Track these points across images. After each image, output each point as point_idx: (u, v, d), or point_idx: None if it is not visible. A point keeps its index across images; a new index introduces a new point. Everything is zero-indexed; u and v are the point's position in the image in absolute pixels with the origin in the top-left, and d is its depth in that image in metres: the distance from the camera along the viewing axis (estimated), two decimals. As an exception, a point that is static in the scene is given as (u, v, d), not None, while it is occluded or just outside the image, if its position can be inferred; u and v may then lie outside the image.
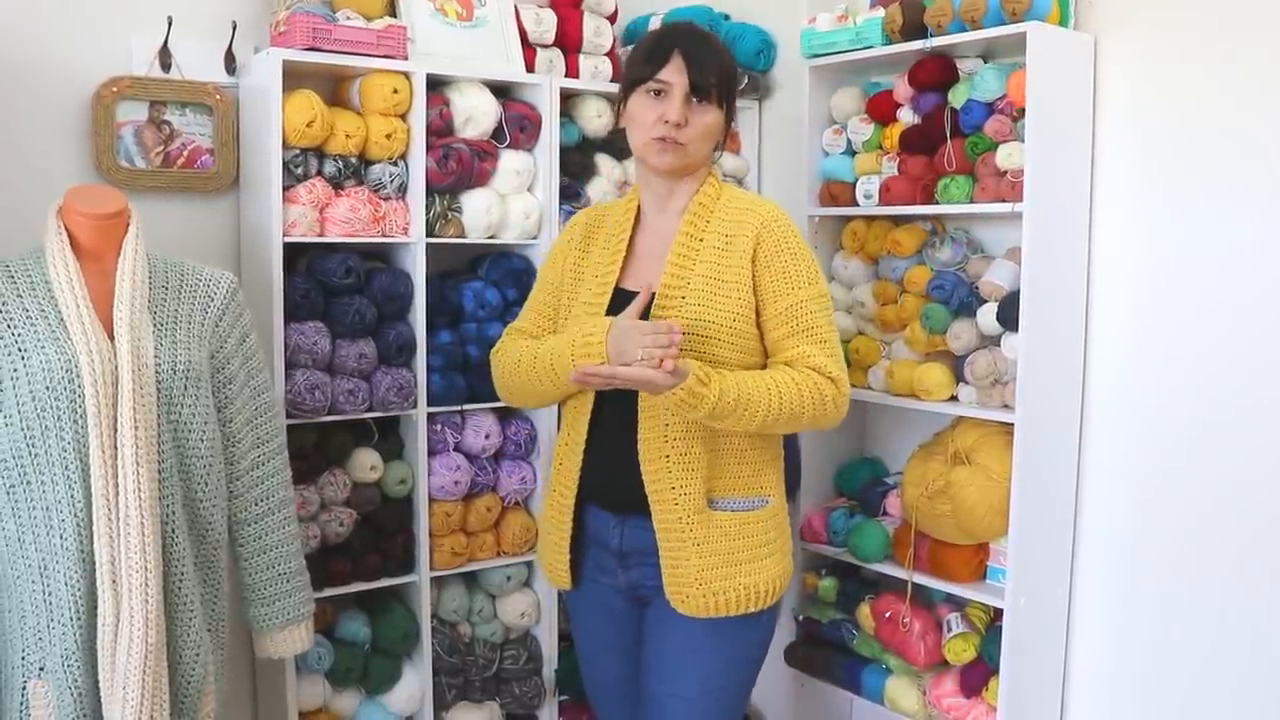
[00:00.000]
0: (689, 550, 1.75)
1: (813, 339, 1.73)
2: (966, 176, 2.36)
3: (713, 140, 1.80)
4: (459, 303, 2.45)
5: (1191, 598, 2.23)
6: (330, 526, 2.30)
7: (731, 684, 1.85)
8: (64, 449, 1.60)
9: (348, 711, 2.40)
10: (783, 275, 1.73)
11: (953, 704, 2.40)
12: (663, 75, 1.73)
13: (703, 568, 1.75)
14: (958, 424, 2.44)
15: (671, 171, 1.78)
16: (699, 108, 1.74)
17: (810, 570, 2.75)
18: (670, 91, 1.72)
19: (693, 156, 1.77)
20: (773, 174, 2.92)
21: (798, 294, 1.73)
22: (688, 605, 1.76)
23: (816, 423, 1.73)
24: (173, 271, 1.79)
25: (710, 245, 1.76)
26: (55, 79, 2.14)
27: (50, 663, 1.61)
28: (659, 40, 1.77)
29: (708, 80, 1.72)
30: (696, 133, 1.74)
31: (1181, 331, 2.22)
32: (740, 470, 1.78)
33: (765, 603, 1.80)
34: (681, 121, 1.72)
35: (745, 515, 1.78)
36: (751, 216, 1.77)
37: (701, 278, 1.74)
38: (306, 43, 2.15)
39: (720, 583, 1.75)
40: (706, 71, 1.72)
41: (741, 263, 1.73)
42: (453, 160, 2.35)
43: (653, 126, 1.74)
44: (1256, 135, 2.09)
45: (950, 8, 2.30)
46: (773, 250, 1.74)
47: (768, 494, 1.82)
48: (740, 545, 1.77)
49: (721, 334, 1.72)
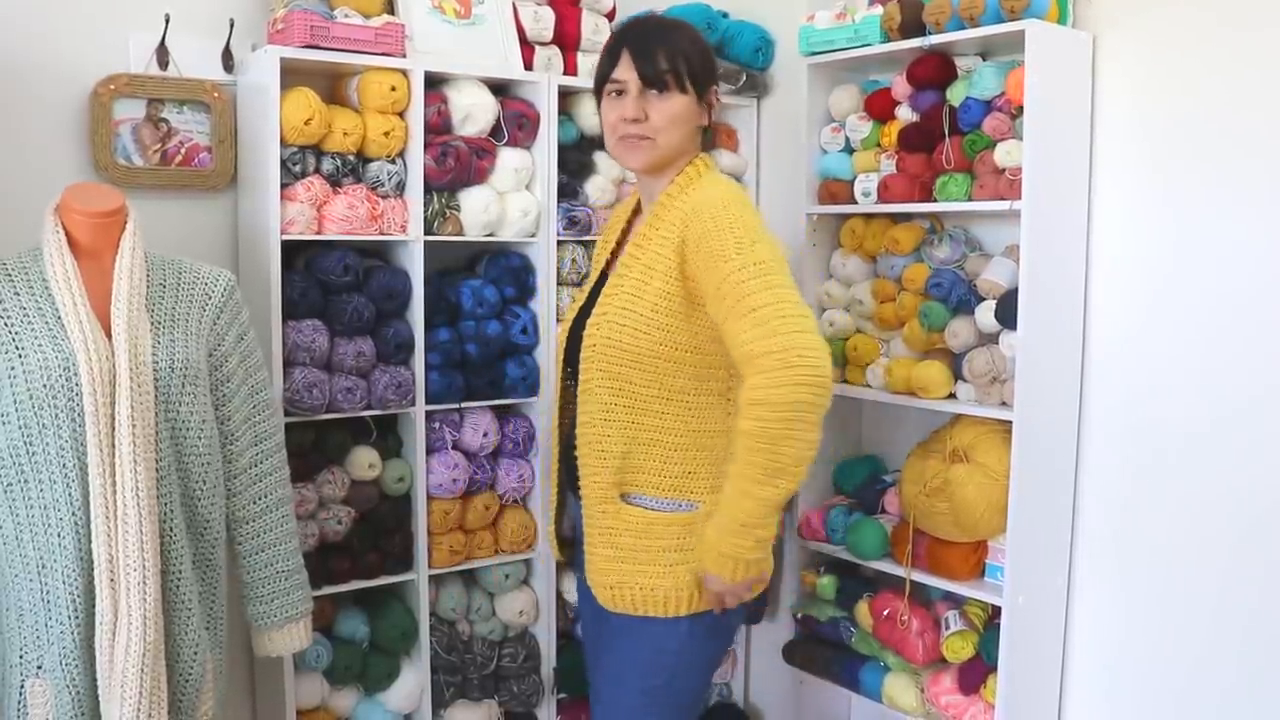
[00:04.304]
0: (596, 539, 1.76)
1: (741, 313, 1.56)
2: (965, 174, 2.36)
3: (684, 126, 1.74)
4: (457, 301, 2.45)
5: (1189, 595, 2.24)
6: (328, 524, 2.30)
7: (640, 686, 1.77)
8: (62, 447, 1.60)
9: (346, 709, 2.40)
10: (709, 255, 1.62)
11: (951, 701, 2.40)
12: (616, 74, 1.73)
13: (607, 559, 1.74)
14: (956, 422, 2.44)
15: (647, 168, 1.77)
16: (659, 98, 1.72)
17: (808, 568, 2.75)
18: (626, 89, 1.73)
19: (665, 149, 1.74)
20: (771, 172, 2.92)
21: (725, 267, 1.60)
22: (597, 594, 1.78)
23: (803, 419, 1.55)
24: (170, 269, 1.78)
25: (660, 236, 1.73)
26: (52, 77, 2.14)
27: (48, 661, 1.61)
28: (611, 41, 1.78)
29: (658, 69, 1.70)
30: (661, 123, 1.72)
31: (1179, 329, 2.22)
32: (663, 468, 1.73)
33: (669, 610, 1.73)
34: (639, 116, 1.71)
35: (658, 515, 1.73)
36: (684, 203, 1.72)
37: (644, 266, 1.73)
38: (304, 40, 2.15)
39: (620, 578, 1.74)
40: (655, 61, 1.70)
41: (666, 251, 1.69)
42: (451, 158, 2.35)
43: (616, 127, 1.75)
44: (1255, 133, 2.09)
45: (949, 5, 2.30)
46: (699, 234, 1.64)
47: (696, 499, 1.73)
48: (646, 545, 1.72)
49: (640, 324, 1.69)
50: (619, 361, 1.71)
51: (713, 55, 1.81)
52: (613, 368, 1.72)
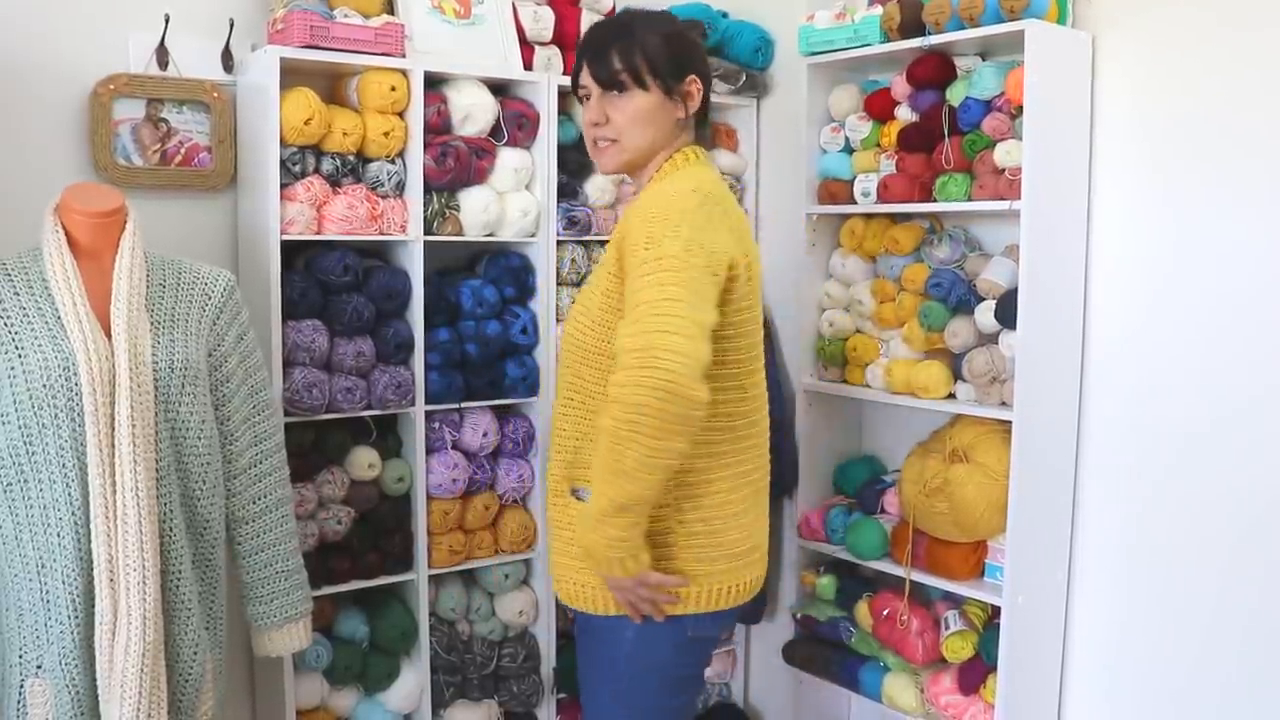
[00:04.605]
0: (551, 532, 1.77)
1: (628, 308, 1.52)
2: (964, 174, 2.36)
3: (650, 124, 1.69)
4: (457, 301, 2.45)
5: (1189, 594, 2.24)
6: (328, 524, 2.30)
7: (595, 682, 1.78)
8: (61, 447, 1.60)
9: (346, 709, 2.40)
10: (629, 249, 1.57)
11: (950, 701, 2.40)
12: (581, 81, 1.73)
13: (557, 551, 1.76)
14: (956, 422, 2.44)
15: (617, 170, 1.75)
16: (619, 99, 1.69)
17: (808, 568, 2.75)
18: (590, 93, 1.72)
19: (632, 149, 1.71)
20: (770, 172, 2.92)
21: (633, 261, 1.54)
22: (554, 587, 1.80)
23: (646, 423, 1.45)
24: (170, 269, 1.78)
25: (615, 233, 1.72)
26: (52, 77, 2.14)
27: (48, 661, 1.61)
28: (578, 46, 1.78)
29: (612, 70, 1.68)
30: (623, 123, 1.69)
31: (1179, 329, 2.22)
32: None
33: (599, 608, 1.70)
34: (599, 120, 1.70)
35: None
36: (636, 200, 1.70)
37: (600, 264, 1.74)
38: (304, 40, 2.15)
39: (563, 571, 1.75)
40: (609, 62, 1.68)
41: (611, 248, 1.67)
42: (450, 158, 2.35)
43: (587, 132, 1.75)
44: (1254, 132, 2.09)
45: (948, 5, 2.30)
46: (628, 229, 1.60)
47: None
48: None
49: (590, 321, 1.69)
50: (575, 358, 1.72)
51: (687, 44, 1.73)
52: (572, 364, 1.73)
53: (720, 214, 1.62)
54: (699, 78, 1.72)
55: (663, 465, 1.49)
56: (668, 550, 1.67)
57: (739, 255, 1.61)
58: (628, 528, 1.55)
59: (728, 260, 1.58)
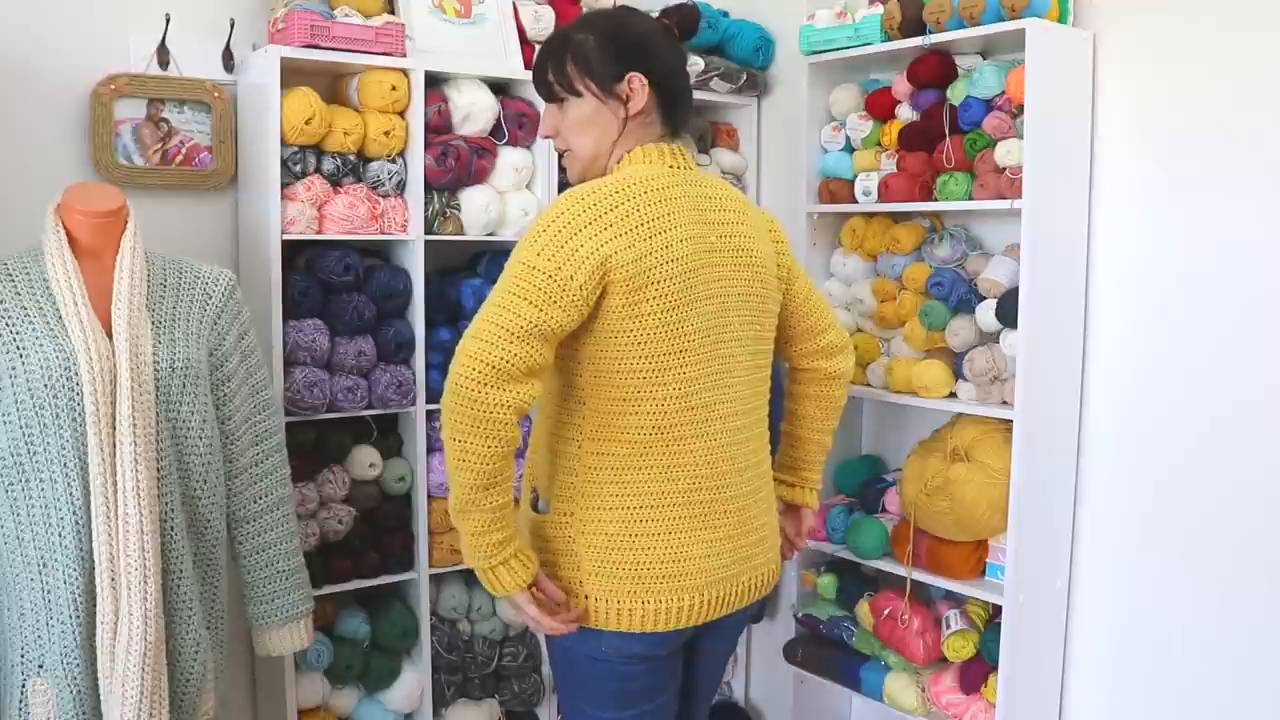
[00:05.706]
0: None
1: None
2: (965, 173, 2.36)
3: (592, 128, 1.64)
4: (458, 300, 2.45)
5: (1190, 594, 2.24)
6: (329, 524, 2.30)
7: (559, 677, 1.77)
8: (62, 447, 1.60)
9: (347, 709, 2.40)
10: None
11: (951, 701, 2.40)
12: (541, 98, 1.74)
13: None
14: (957, 421, 2.44)
15: (578, 178, 1.70)
16: (562, 109, 1.67)
17: (809, 567, 2.75)
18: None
19: (583, 156, 1.68)
20: (771, 171, 2.92)
21: None
22: None
23: (447, 422, 1.48)
24: (171, 269, 1.78)
25: None
26: (53, 77, 2.14)
27: (49, 661, 1.61)
28: None
29: (546, 83, 1.67)
30: (569, 132, 1.68)
31: (1181, 328, 2.22)
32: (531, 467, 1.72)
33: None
34: (549, 133, 1.71)
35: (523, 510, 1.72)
36: None
37: None
38: (305, 40, 2.15)
39: None
40: (544, 76, 1.67)
41: None
42: (451, 157, 2.35)
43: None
44: (1255, 132, 2.09)
45: (949, 4, 2.30)
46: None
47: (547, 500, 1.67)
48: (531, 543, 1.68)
49: None
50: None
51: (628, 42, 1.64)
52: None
53: (622, 215, 1.52)
54: (644, 74, 1.62)
55: (470, 466, 1.47)
56: (573, 559, 1.62)
57: (630, 256, 1.50)
58: (476, 532, 1.52)
59: (596, 262, 1.48)
